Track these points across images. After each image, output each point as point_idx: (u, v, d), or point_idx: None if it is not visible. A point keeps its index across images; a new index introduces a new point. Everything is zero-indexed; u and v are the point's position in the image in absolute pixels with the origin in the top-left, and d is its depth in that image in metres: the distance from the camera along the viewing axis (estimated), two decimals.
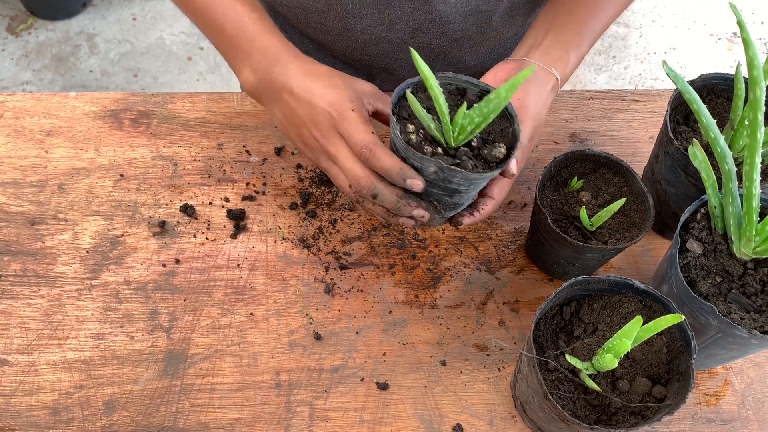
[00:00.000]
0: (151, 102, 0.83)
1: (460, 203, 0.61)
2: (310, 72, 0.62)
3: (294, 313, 0.70)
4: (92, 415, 0.63)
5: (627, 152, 0.83)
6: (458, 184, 0.57)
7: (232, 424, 0.63)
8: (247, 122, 0.82)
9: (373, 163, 0.57)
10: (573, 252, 0.66)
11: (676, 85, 0.61)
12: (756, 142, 0.55)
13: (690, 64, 2.34)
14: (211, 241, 0.74)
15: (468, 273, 0.73)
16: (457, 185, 0.57)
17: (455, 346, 0.68)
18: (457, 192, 0.58)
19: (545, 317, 0.60)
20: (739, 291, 0.58)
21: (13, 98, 0.82)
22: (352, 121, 0.58)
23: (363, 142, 0.57)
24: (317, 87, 0.60)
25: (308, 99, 0.60)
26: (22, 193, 0.75)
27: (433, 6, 0.74)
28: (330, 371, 0.66)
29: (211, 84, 2.17)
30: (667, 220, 0.74)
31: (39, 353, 0.66)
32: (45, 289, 0.70)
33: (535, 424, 0.61)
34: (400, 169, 0.56)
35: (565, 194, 0.69)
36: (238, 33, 0.65)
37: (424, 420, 0.64)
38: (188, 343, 0.67)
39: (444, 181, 0.56)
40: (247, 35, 0.65)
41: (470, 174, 0.55)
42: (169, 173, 0.78)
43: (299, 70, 0.62)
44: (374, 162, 0.57)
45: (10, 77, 2.12)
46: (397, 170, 0.56)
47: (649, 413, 0.54)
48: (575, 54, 0.69)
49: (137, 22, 2.30)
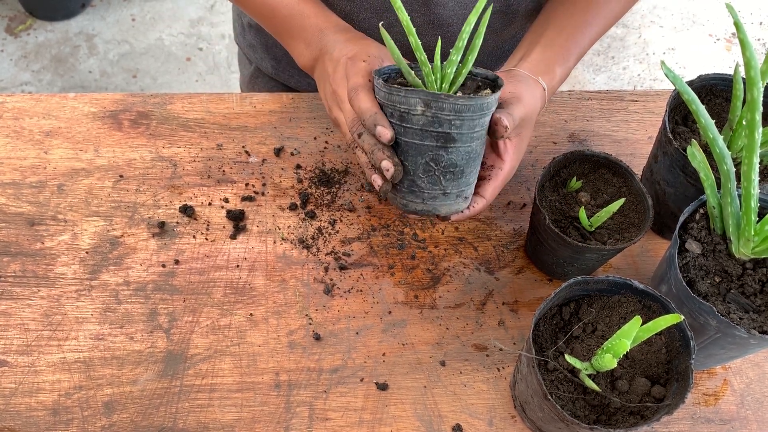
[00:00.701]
0: (151, 103, 0.83)
1: (459, 166, 0.59)
2: (348, 39, 0.68)
3: (293, 314, 0.70)
4: (92, 415, 0.63)
5: (626, 153, 0.83)
6: (450, 123, 0.56)
7: (231, 424, 0.63)
8: (247, 123, 0.82)
9: (354, 103, 0.61)
10: (572, 252, 0.66)
11: (675, 85, 0.61)
12: (754, 142, 0.55)
13: (689, 64, 2.34)
14: (211, 242, 0.74)
15: (467, 273, 0.73)
16: (448, 127, 0.56)
17: (455, 347, 0.69)
18: (452, 141, 0.57)
19: (544, 317, 0.60)
20: (738, 291, 0.58)
21: (12, 99, 0.82)
22: (355, 67, 0.63)
23: (353, 84, 0.61)
24: (349, 46, 0.66)
25: (338, 57, 0.66)
26: (22, 193, 0.75)
27: (431, 9, 0.75)
28: (329, 372, 0.66)
29: (210, 84, 2.17)
30: (666, 221, 0.74)
31: (38, 354, 0.66)
32: (44, 290, 0.70)
33: (535, 424, 0.61)
34: (375, 113, 0.59)
35: (564, 195, 0.69)
36: (292, 12, 0.71)
37: (423, 420, 0.64)
38: (188, 343, 0.67)
39: (435, 124, 0.56)
40: (299, 13, 0.71)
41: (459, 101, 0.55)
42: (169, 174, 0.78)
43: (341, 37, 0.68)
44: (355, 102, 0.60)
45: (9, 78, 2.12)
46: (370, 114, 0.59)
47: (648, 413, 0.55)
48: (561, 69, 0.71)
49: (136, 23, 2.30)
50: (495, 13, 0.78)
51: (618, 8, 0.74)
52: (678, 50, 2.38)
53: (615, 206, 0.64)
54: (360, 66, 0.63)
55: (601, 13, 0.73)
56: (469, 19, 0.57)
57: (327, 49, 0.68)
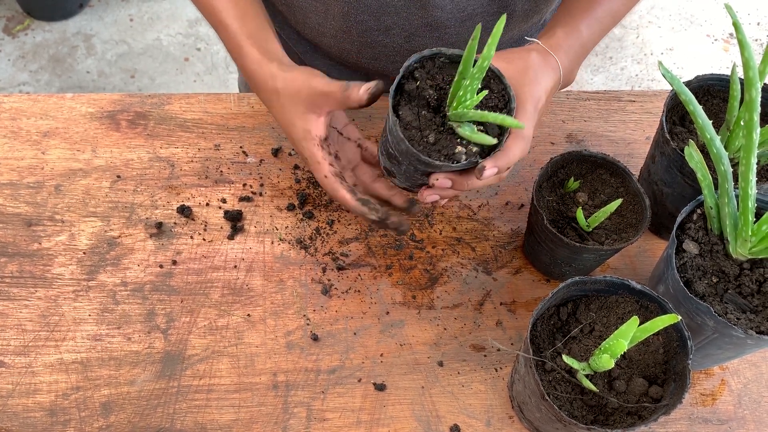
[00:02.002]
0: (148, 103, 0.83)
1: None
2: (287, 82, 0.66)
3: (291, 314, 0.70)
4: (89, 416, 0.63)
5: (623, 153, 0.83)
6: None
7: (229, 425, 0.63)
8: (244, 123, 0.82)
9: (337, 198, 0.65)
10: (570, 252, 0.66)
11: (672, 86, 0.61)
12: (752, 142, 0.55)
13: (687, 65, 2.34)
14: (208, 242, 0.74)
15: (465, 274, 0.73)
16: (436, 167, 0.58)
17: (452, 347, 0.69)
18: (437, 168, 0.59)
19: (542, 318, 0.60)
20: (736, 291, 0.58)
21: (9, 99, 0.82)
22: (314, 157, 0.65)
23: (325, 187, 0.66)
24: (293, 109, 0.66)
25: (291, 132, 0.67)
26: (19, 194, 0.75)
27: (429, 11, 0.75)
28: (327, 372, 0.66)
29: (208, 85, 2.17)
30: (663, 221, 0.74)
31: (36, 355, 0.66)
32: (42, 291, 0.69)
33: (533, 424, 0.61)
34: (356, 204, 0.64)
35: (561, 195, 0.69)
36: (237, 32, 0.69)
37: (421, 421, 0.64)
38: (185, 344, 0.67)
39: (425, 167, 0.59)
40: (242, 37, 0.69)
41: (451, 167, 0.57)
42: (166, 174, 0.78)
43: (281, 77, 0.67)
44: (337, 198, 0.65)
45: (6, 78, 2.12)
46: (353, 206, 0.64)
47: (645, 413, 0.55)
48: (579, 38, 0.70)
49: (134, 23, 2.30)
50: (492, 15, 0.78)
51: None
52: (676, 50, 2.39)
53: (612, 206, 0.64)
54: (314, 162, 0.65)
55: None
56: (469, 46, 0.55)
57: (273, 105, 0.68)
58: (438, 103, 0.59)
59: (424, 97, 0.59)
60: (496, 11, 0.78)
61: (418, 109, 0.59)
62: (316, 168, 0.65)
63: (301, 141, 0.66)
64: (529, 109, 0.63)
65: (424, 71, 0.60)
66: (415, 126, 0.58)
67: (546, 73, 0.66)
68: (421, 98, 0.59)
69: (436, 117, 0.59)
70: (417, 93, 0.59)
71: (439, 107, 0.59)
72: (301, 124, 0.65)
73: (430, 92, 0.59)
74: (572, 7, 0.73)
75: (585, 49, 0.72)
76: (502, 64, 0.64)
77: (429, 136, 0.58)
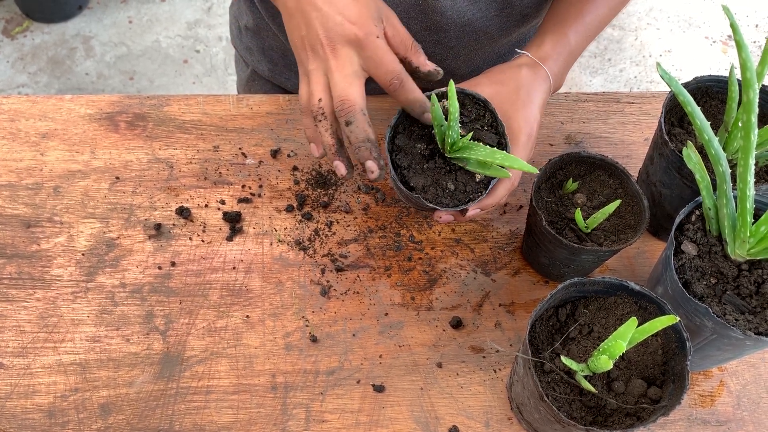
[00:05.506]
0: (147, 104, 0.83)
1: None
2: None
3: (290, 316, 0.70)
4: (88, 418, 0.63)
5: (622, 154, 0.83)
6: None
7: (228, 426, 0.63)
8: (243, 125, 0.82)
9: (400, 93, 0.59)
10: (568, 254, 0.66)
11: (671, 87, 0.62)
12: (750, 143, 0.55)
13: (685, 66, 2.35)
14: (207, 244, 0.74)
15: (464, 275, 0.73)
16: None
17: (451, 348, 0.69)
18: None
19: (541, 319, 0.60)
20: (734, 292, 0.58)
21: (8, 101, 0.82)
22: (380, 47, 0.58)
23: (395, 72, 0.58)
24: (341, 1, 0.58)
25: (327, 10, 0.58)
26: (18, 195, 0.75)
27: (429, 16, 0.75)
28: (326, 373, 0.66)
29: (207, 87, 2.17)
30: (662, 222, 0.74)
31: (34, 356, 0.66)
32: (40, 292, 0.69)
33: (531, 425, 0.61)
34: (424, 102, 0.59)
35: (560, 196, 0.69)
36: None
37: (420, 422, 0.64)
38: (184, 345, 0.67)
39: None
40: None
41: (446, 208, 0.61)
42: (165, 176, 0.78)
43: None
44: (401, 93, 0.59)
45: (5, 80, 2.12)
46: (421, 102, 0.59)
47: (644, 414, 0.55)
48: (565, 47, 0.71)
49: (133, 25, 2.30)
50: (491, 19, 0.78)
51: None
52: (674, 52, 2.39)
53: (611, 208, 0.64)
54: (379, 45, 0.58)
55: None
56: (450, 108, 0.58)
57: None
58: (428, 145, 0.63)
59: (415, 146, 0.63)
60: (495, 15, 0.78)
61: (412, 158, 0.62)
62: (386, 56, 0.58)
63: (368, 18, 0.58)
64: (523, 140, 0.65)
65: (408, 121, 0.63)
66: (414, 170, 0.62)
67: (538, 88, 0.68)
68: (414, 148, 0.62)
69: (432, 160, 0.62)
70: (408, 144, 0.63)
71: (433, 152, 0.63)
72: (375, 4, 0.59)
73: (419, 146, 0.62)
74: (561, 13, 0.73)
75: (573, 56, 0.73)
76: (495, 87, 0.66)
77: (428, 179, 0.62)
